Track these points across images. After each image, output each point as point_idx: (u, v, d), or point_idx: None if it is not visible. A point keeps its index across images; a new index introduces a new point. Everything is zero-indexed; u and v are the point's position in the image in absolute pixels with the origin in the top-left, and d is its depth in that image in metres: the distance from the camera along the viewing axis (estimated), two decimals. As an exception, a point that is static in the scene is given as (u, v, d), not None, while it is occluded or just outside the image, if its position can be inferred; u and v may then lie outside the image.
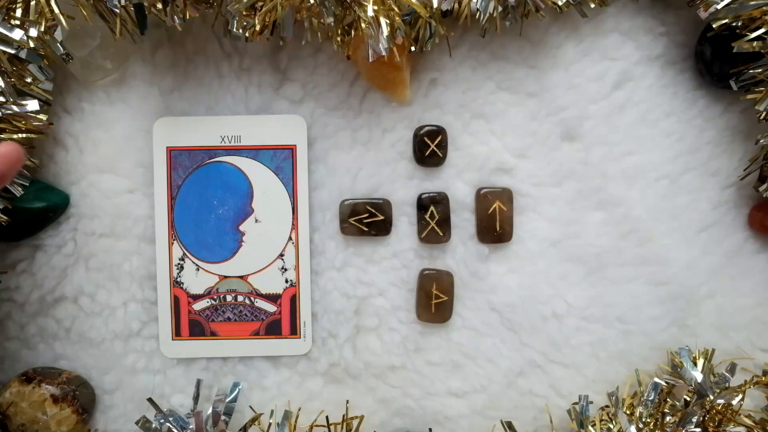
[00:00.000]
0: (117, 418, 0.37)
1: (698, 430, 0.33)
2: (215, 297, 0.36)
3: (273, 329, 0.36)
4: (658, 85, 0.36)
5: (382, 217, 0.35)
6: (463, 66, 0.36)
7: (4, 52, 0.30)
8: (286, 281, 0.36)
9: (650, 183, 0.36)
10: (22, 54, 0.31)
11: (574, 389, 0.37)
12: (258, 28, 0.30)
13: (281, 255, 0.36)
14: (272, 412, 0.36)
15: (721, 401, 0.34)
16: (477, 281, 0.36)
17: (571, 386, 0.37)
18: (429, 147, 0.35)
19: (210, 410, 0.35)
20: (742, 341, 0.37)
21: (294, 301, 0.36)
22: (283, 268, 0.36)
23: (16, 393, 0.34)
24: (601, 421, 0.35)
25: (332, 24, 0.30)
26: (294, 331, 0.36)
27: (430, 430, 0.37)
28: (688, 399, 0.35)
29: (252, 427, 0.36)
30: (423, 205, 0.36)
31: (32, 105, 0.32)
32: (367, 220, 0.35)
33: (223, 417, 0.35)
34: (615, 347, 0.37)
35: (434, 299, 0.36)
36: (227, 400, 0.35)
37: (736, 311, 0.37)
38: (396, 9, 0.30)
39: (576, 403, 0.36)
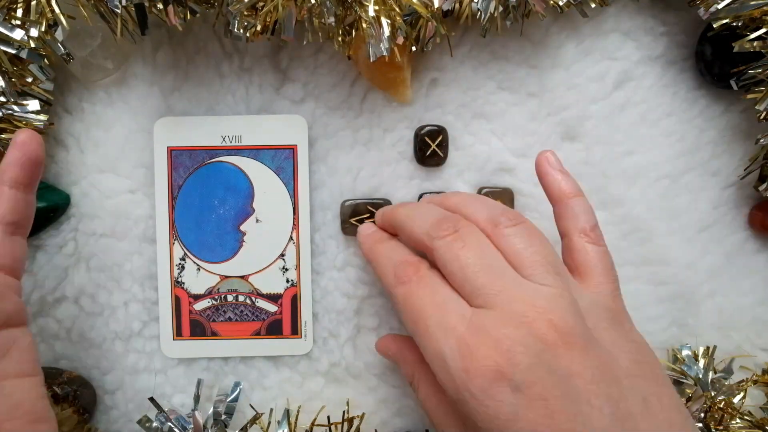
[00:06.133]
0: (118, 418, 0.37)
1: (699, 425, 0.34)
2: (216, 297, 0.36)
3: (274, 329, 0.36)
4: (658, 85, 0.36)
5: (383, 217, 0.36)
6: (463, 66, 0.36)
7: (5, 52, 0.30)
8: (287, 281, 0.36)
9: (651, 183, 0.36)
10: (23, 54, 0.31)
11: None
12: (259, 28, 0.30)
13: (282, 255, 0.36)
14: (271, 411, 0.36)
15: (722, 397, 0.34)
16: (478, 281, 0.36)
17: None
18: (430, 147, 0.35)
19: (211, 410, 0.35)
20: (742, 341, 0.37)
21: (295, 301, 0.36)
22: (284, 268, 0.36)
23: (17, 393, 0.34)
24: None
25: (333, 24, 0.30)
26: (295, 331, 0.36)
27: (427, 431, 0.37)
28: (690, 394, 0.35)
29: (253, 426, 0.36)
30: (424, 205, 0.36)
31: (33, 105, 0.32)
32: (368, 220, 0.35)
33: (223, 416, 0.35)
34: (615, 347, 0.37)
35: (435, 299, 0.36)
36: (228, 399, 0.35)
37: (736, 311, 0.37)
38: (397, 9, 0.30)
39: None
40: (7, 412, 0.25)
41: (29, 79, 0.32)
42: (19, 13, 0.30)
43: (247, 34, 0.30)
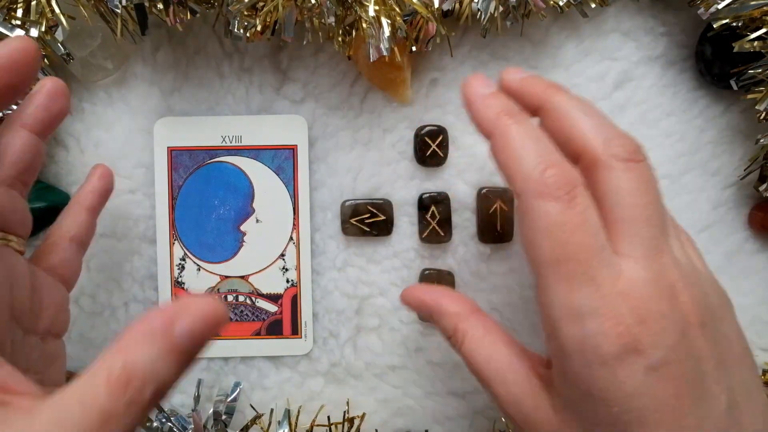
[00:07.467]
0: (118, 418, 0.37)
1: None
2: (216, 297, 0.36)
3: (274, 329, 0.36)
4: (658, 85, 0.36)
5: (383, 218, 0.36)
6: (463, 66, 0.36)
7: (5, 53, 0.30)
8: (287, 281, 0.36)
9: (651, 183, 0.36)
10: (23, 54, 0.31)
11: (575, 389, 0.37)
12: (259, 28, 0.30)
13: (282, 255, 0.36)
14: (272, 411, 0.36)
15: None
16: (478, 281, 0.37)
17: (571, 386, 0.37)
18: (430, 147, 0.35)
19: (211, 410, 0.35)
20: (742, 341, 0.37)
21: (295, 301, 0.36)
22: (284, 268, 0.36)
23: (17, 393, 0.34)
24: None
25: (333, 24, 0.30)
26: (295, 331, 0.36)
27: (426, 431, 0.37)
28: None
29: (253, 426, 0.36)
30: (424, 205, 0.36)
31: (33, 105, 0.32)
32: (368, 220, 0.35)
33: (224, 416, 0.35)
34: (615, 347, 0.37)
35: (435, 299, 0.36)
36: (228, 400, 0.35)
37: (736, 311, 0.37)
38: (397, 9, 0.30)
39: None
40: None
41: (29, 79, 0.32)
42: (19, 13, 0.30)
43: (247, 34, 0.30)
